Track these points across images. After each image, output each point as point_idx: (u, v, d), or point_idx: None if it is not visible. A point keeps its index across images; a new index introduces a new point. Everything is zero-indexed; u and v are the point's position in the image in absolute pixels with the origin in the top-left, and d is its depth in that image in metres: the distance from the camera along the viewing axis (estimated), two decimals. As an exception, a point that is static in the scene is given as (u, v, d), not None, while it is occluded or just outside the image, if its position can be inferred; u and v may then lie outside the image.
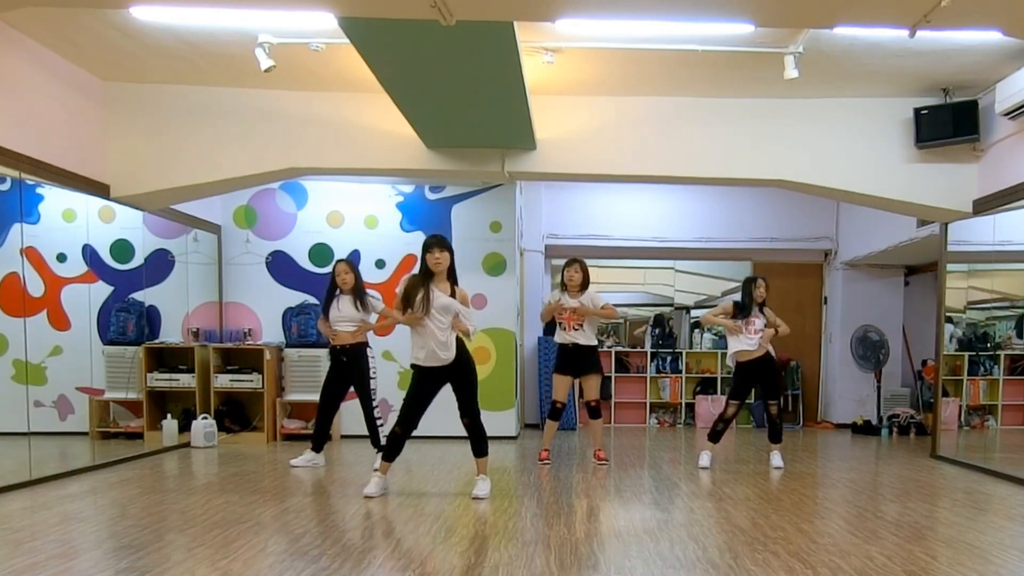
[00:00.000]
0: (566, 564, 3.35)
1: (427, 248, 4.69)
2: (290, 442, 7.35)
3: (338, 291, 5.83)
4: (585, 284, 6.13)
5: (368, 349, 5.93)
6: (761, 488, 5.27)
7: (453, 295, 4.75)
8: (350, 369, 5.88)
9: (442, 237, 4.79)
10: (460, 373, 4.78)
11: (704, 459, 6.17)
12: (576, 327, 6.11)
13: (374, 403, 5.96)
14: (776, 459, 6.19)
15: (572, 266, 6.17)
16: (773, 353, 6.20)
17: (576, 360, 6.17)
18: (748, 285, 6.13)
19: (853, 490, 5.39)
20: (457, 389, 4.83)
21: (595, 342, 6.27)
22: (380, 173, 6.88)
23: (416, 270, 4.84)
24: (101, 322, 6.36)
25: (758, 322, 6.07)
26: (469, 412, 4.83)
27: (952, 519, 4.44)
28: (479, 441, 4.89)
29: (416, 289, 4.65)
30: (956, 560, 3.51)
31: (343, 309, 5.81)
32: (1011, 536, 4.11)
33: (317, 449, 6.03)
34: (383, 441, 5.62)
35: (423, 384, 4.76)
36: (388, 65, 4.61)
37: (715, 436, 6.22)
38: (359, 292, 5.84)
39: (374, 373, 5.99)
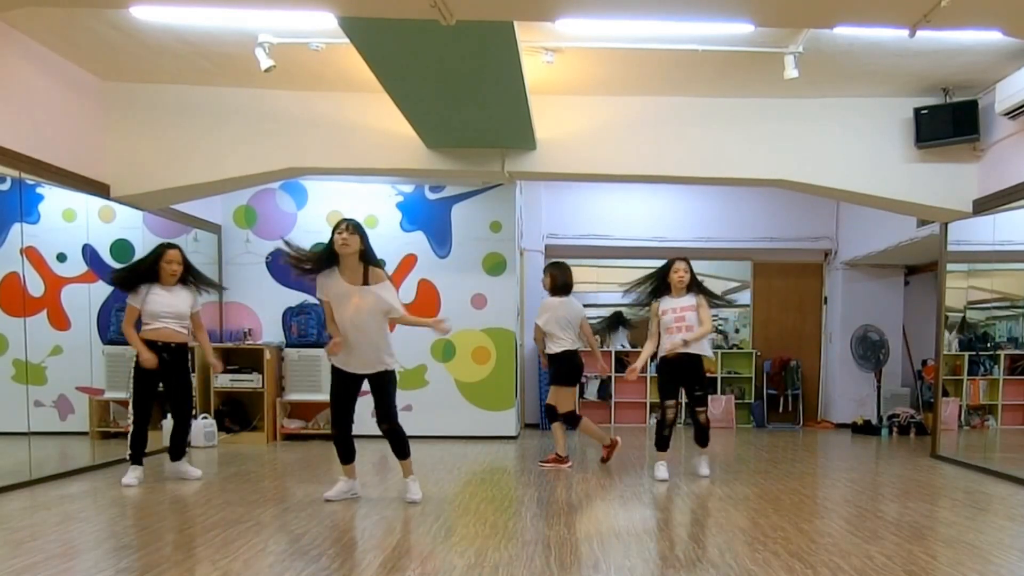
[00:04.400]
0: (566, 564, 3.35)
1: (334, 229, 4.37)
2: (290, 442, 7.35)
3: None
4: (555, 292, 6.05)
5: None
6: (761, 488, 5.27)
7: (366, 282, 4.39)
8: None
9: (354, 221, 4.43)
10: (379, 378, 4.55)
11: (661, 471, 5.59)
12: None
13: None
14: (703, 467, 5.75)
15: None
16: (706, 353, 5.68)
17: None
18: (665, 268, 5.64)
19: (853, 490, 5.39)
20: (376, 392, 4.59)
21: (556, 350, 6.00)
22: (380, 173, 6.88)
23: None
24: (101, 322, 6.35)
25: (689, 315, 5.47)
26: (388, 418, 4.60)
27: (952, 519, 4.44)
28: (402, 444, 4.65)
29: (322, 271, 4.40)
30: (956, 560, 3.51)
31: None
32: (1011, 536, 4.11)
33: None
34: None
35: (342, 385, 4.58)
36: (388, 65, 4.61)
37: (663, 443, 5.71)
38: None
39: None
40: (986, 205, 6.07)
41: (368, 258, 4.45)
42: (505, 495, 5.05)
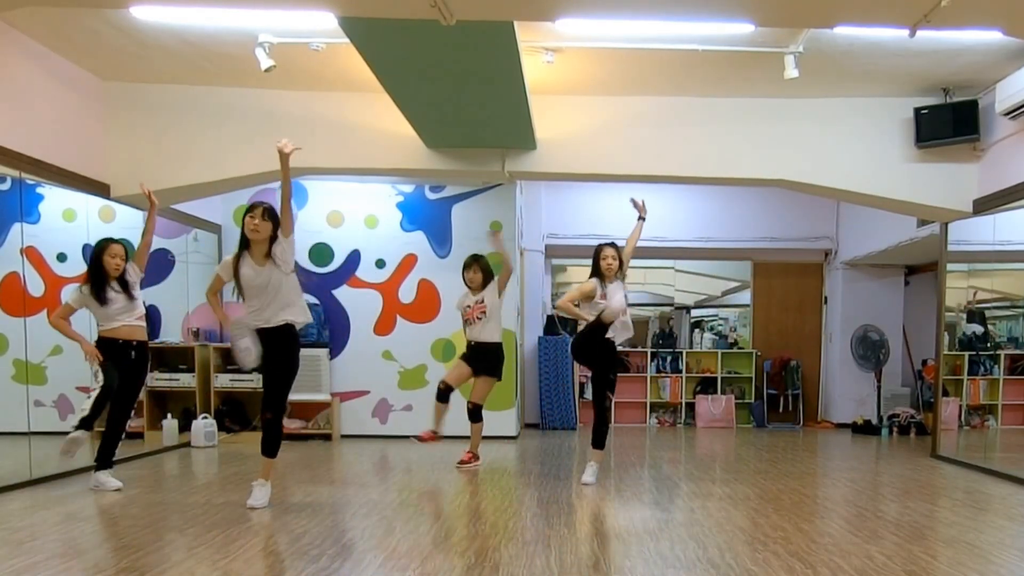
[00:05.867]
0: (566, 564, 3.35)
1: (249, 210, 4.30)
2: (290, 442, 7.32)
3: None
4: (487, 281, 5.93)
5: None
6: (761, 488, 5.27)
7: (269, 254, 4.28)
8: None
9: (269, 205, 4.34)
10: (276, 349, 4.32)
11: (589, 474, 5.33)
12: (478, 318, 5.89)
13: None
14: (589, 473, 5.30)
15: (472, 267, 5.93)
16: (615, 338, 5.22)
17: (477, 358, 5.95)
18: (595, 255, 5.31)
19: (853, 490, 5.39)
20: (266, 369, 4.38)
21: (498, 339, 5.95)
22: (380, 173, 6.88)
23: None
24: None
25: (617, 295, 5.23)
26: (272, 405, 4.38)
27: (952, 519, 4.44)
28: (274, 441, 4.41)
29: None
30: (956, 560, 3.51)
31: None
32: (1011, 536, 4.11)
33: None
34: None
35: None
36: (388, 65, 4.61)
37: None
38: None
39: None
40: (986, 205, 6.07)
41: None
42: (505, 495, 5.05)
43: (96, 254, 4.86)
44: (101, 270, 4.83)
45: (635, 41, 5.18)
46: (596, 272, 5.30)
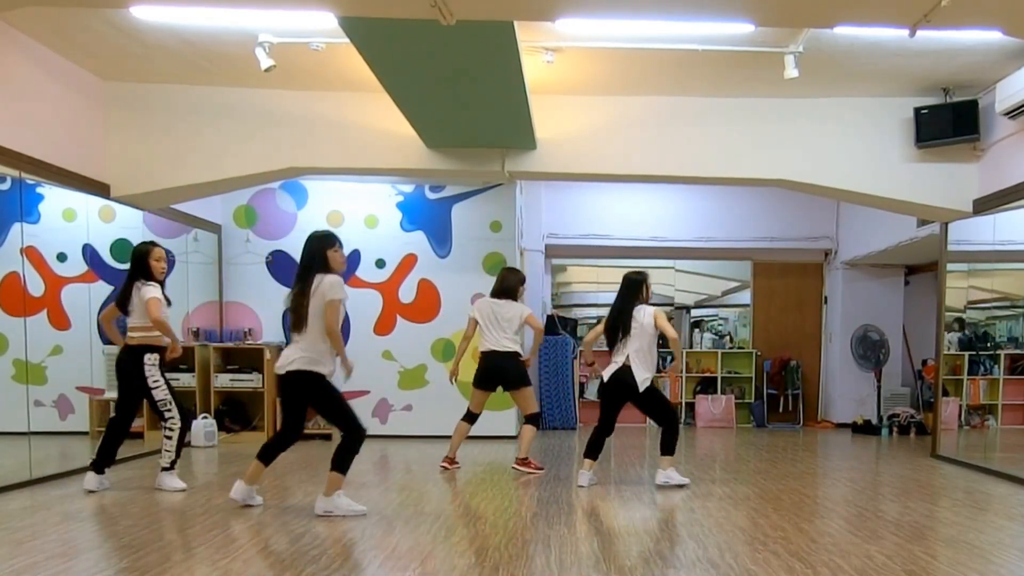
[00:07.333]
0: (566, 564, 3.35)
1: (334, 243, 4.22)
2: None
3: None
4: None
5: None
6: (761, 488, 5.27)
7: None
8: None
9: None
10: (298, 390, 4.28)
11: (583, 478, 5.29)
12: None
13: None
14: (661, 477, 5.29)
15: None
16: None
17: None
18: (644, 280, 5.41)
19: (853, 490, 5.39)
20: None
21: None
22: (380, 173, 6.88)
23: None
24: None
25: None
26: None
27: (952, 519, 4.44)
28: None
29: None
30: (956, 560, 3.51)
31: None
32: (1011, 536, 4.12)
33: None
34: None
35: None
36: (388, 65, 4.61)
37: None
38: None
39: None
40: (986, 205, 6.07)
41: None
42: (505, 495, 5.05)
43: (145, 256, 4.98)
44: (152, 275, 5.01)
45: (635, 41, 5.18)
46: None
